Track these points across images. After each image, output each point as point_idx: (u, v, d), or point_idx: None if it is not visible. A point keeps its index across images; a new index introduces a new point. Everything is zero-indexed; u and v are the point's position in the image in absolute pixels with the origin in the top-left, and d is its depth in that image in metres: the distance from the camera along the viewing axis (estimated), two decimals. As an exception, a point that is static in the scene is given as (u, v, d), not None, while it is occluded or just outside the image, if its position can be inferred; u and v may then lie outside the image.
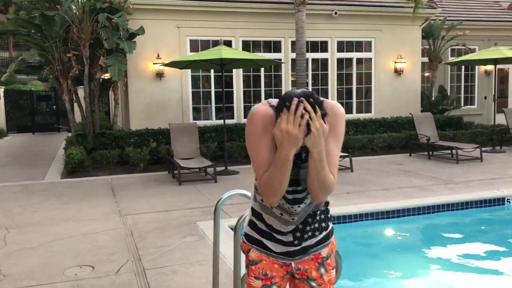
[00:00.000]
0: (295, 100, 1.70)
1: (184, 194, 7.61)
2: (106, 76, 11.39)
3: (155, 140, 10.70)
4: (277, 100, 1.89)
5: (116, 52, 10.31)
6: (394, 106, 13.34)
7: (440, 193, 7.13)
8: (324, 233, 2.14)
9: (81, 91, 11.49)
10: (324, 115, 1.74)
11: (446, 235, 5.99)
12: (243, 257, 2.39)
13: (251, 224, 2.17)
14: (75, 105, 11.47)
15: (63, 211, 6.60)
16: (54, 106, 22.15)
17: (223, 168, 9.55)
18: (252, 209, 2.17)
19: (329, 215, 2.17)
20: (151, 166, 10.25)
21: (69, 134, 13.49)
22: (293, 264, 2.11)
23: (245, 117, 12.22)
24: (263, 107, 1.92)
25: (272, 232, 2.10)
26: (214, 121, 11.86)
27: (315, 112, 1.71)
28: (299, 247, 2.09)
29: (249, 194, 3.28)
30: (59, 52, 10.55)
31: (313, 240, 2.11)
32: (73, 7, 10.59)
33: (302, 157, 1.95)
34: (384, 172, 9.19)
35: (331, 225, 2.18)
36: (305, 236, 2.08)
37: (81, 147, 10.07)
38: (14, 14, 12.55)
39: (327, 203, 2.15)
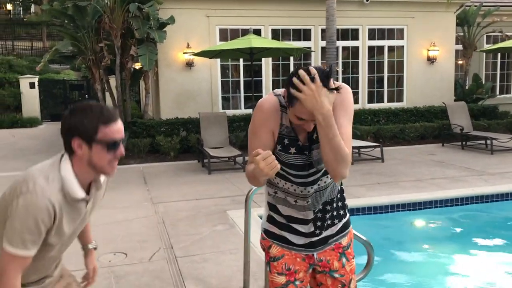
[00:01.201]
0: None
1: (213, 183, 7.67)
2: (137, 65, 11.52)
3: (185, 129, 10.80)
4: (282, 90, 1.97)
5: (147, 41, 10.40)
6: (426, 95, 13.06)
7: (474, 184, 6.96)
8: (344, 220, 2.16)
9: (112, 81, 11.67)
10: (327, 78, 1.78)
11: (480, 227, 5.86)
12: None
13: (270, 219, 2.17)
14: (107, 94, 11.65)
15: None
16: (86, 95, 22.60)
17: (252, 157, 9.56)
18: (268, 203, 2.18)
19: (345, 203, 2.19)
20: (181, 154, 10.36)
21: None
22: (315, 255, 2.11)
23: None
24: (268, 97, 2.00)
25: (291, 223, 2.09)
26: (243, 110, 11.87)
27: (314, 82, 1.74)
28: (320, 237, 2.09)
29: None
30: (91, 42, 10.72)
31: (334, 229, 2.12)
32: (105, -3, 10.71)
33: (313, 138, 1.97)
34: (416, 162, 9.04)
35: (348, 214, 2.20)
36: (325, 224, 2.09)
37: (113, 136, 10.25)
38: (48, 5, 12.81)
39: (342, 191, 2.16)
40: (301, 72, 1.75)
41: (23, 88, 20.64)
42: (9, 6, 35.88)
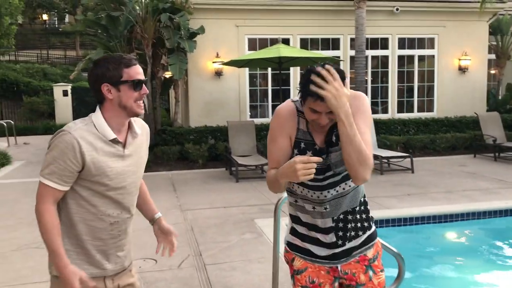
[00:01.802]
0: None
1: (241, 191, 7.71)
2: (167, 74, 11.71)
3: (213, 137, 10.90)
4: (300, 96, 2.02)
5: (177, 51, 10.58)
6: (458, 105, 12.81)
7: (508, 197, 6.79)
8: (368, 233, 2.12)
9: (143, 89, 11.89)
10: (343, 79, 1.85)
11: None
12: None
13: (293, 231, 2.17)
14: (138, 102, 11.88)
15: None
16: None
17: (279, 166, 9.56)
18: (290, 215, 2.19)
19: (370, 215, 2.16)
20: (209, 162, 10.46)
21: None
22: (339, 268, 2.09)
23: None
24: (285, 103, 2.06)
25: (312, 231, 2.08)
26: (270, 119, 11.89)
27: (334, 78, 1.79)
28: (343, 248, 2.07)
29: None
30: (123, 51, 10.96)
31: (358, 241, 2.09)
32: (137, 7, 10.97)
33: (332, 141, 1.98)
34: (447, 173, 8.87)
35: (373, 226, 2.17)
36: (348, 234, 2.06)
37: (143, 143, 10.43)
38: (83, 15, 13.19)
39: (365, 203, 2.14)
40: (323, 71, 1.79)
41: (56, 95, 21.24)
42: (45, 16, 37.06)
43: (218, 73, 11.41)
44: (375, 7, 11.86)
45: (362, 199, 2.11)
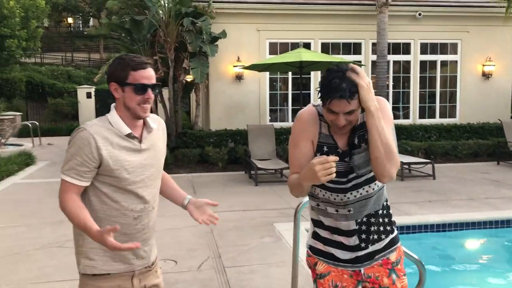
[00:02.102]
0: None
1: (260, 195, 7.73)
2: (189, 78, 11.83)
3: (233, 140, 10.96)
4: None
5: (199, 55, 10.68)
6: (481, 111, 12.62)
7: (532, 206, 6.67)
8: (391, 236, 2.13)
9: (165, 92, 12.03)
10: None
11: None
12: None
13: (315, 235, 2.18)
14: (159, 105, 12.02)
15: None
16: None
17: (299, 170, 9.54)
18: (312, 219, 2.20)
19: (392, 220, 2.16)
20: (228, 165, 10.51)
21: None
22: (362, 271, 2.09)
23: (322, 119, 12.15)
24: (306, 108, 2.10)
25: (335, 235, 2.09)
26: (290, 123, 11.90)
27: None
28: (366, 251, 2.07)
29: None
30: (146, 55, 11.11)
31: (381, 244, 2.09)
32: (160, 11, 11.12)
33: (355, 143, 2.00)
34: (469, 180, 8.75)
35: (396, 229, 2.17)
36: (371, 237, 2.07)
37: (164, 146, 10.54)
38: (107, 19, 13.42)
39: (388, 207, 2.15)
40: (357, 67, 1.88)
41: (80, 97, 21.64)
42: (70, 20, 37.79)
43: (239, 77, 11.48)
44: (397, 12, 11.78)
45: (385, 203, 2.12)
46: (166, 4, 10.98)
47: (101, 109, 22.88)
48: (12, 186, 8.79)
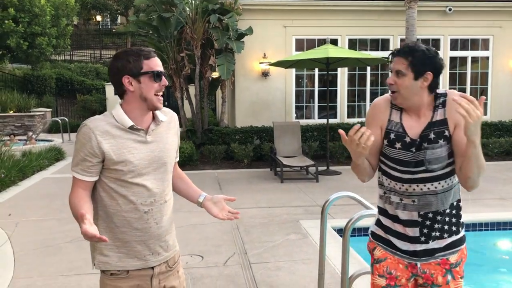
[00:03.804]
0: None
1: (286, 192, 7.71)
2: (215, 75, 11.87)
3: (259, 137, 10.95)
4: None
5: (225, 51, 10.70)
6: (513, 108, 12.28)
7: None
8: (454, 237, 2.09)
9: (191, 89, 12.11)
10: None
11: None
12: (351, 260, 2.40)
13: (377, 222, 2.21)
14: (186, 102, 12.11)
15: (174, 202, 7.00)
16: (166, 102, 23.60)
17: (324, 168, 9.50)
18: (378, 207, 2.22)
19: (460, 221, 2.12)
20: (254, 162, 10.52)
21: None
22: (418, 265, 2.08)
23: (348, 116, 12.05)
24: (383, 96, 2.14)
25: (396, 224, 2.09)
26: (316, 120, 11.84)
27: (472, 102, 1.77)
28: (425, 246, 2.05)
29: (356, 196, 3.25)
30: (173, 52, 11.20)
31: (442, 243, 2.06)
32: (187, 8, 11.18)
33: (430, 138, 1.99)
34: (501, 179, 8.53)
35: (463, 232, 2.12)
36: (433, 234, 2.05)
37: (190, 142, 10.63)
38: (134, 16, 13.58)
39: (459, 207, 2.11)
40: (469, 97, 1.79)
41: (108, 94, 21.97)
42: (98, 18, 38.41)
43: (265, 74, 11.46)
44: (427, 7, 11.56)
45: (455, 203, 2.09)
46: (193, 1, 11.04)
47: (129, 106, 23.20)
48: (43, 181, 9.00)
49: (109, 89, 22.10)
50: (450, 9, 11.76)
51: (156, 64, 1.98)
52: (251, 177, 9.17)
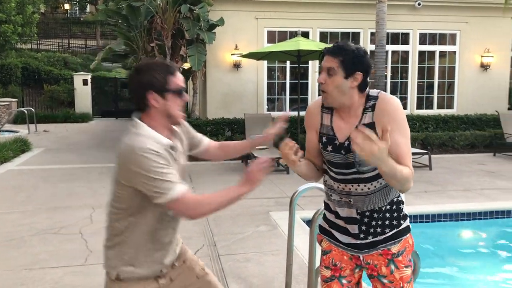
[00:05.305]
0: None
1: (257, 184, 7.70)
2: (186, 66, 11.76)
3: (230, 129, 10.92)
4: None
5: (197, 42, 10.60)
6: (478, 102, 12.62)
7: (528, 197, 6.68)
8: (396, 230, 2.12)
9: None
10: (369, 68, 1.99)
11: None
12: (318, 250, 2.43)
13: (324, 216, 2.29)
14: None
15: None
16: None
17: (296, 159, 9.53)
18: (324, 202, 2.29)
19: (401, 214, 2.14)
20: (225, 154, 10.46)
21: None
22: (361, 257, 2.13)
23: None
24: (315, 100, 2.21)
25: (337, 220, 2.16)
26: (288, 113, 11.86)
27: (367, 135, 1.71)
28: (366, 241, 2.10)
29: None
30: (143, 42, 11.02)
31: (382, 236, 2.10)
32: (157, -2, 11.00)
33: None
34: (465, 171, 8.76)
35: (405, 223, 2.15)
36: (371, 230, 2.09)
37: (160, 134, 10.50)
38: (104, 5, 13.29)
39: (399, 202, 2.14)
40: (363, 131, 1.69)
41: (76, 84, 21.53)
42: (66, 6, 37.43)
43: (237, 65, 11.42)
44: (397, 1, 11.72)
45: (395, 199, 2.11)
46: (164, -10, 10.87)
47: (97, 96, 22.81)
48: (7, 173, 8.75)
49: (78, 79, 21.65)
50: (419, 4, 11.95)
51: (180, 80, 1.96)
52: (222, 169, 9.15)
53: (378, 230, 2.08)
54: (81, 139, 13.87)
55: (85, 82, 21.57)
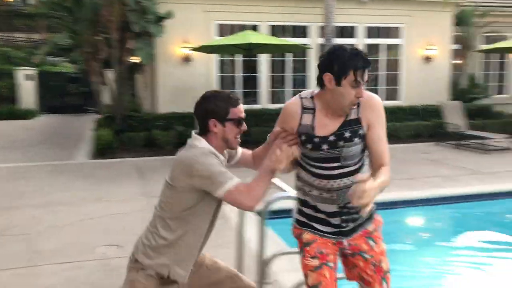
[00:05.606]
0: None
1: (209, 178, 7.68)
2: (135, 59, 11.53)
3: (182, 123, 10.81)
4: (309, 91, 2.21)
5: (145, 35, 10.40)
6: (423, 94, 13.09)
7: (468, 183, 7.03)
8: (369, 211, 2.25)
9: (110, 74, 11.67)
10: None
11: (472, 226, 5.93)
12: (270, 242, 2.48)
13: (299, 211, 2.34)
14: (104, 87, 11.66)
15: (93, 191, 6.77)
16: (83, 88, 22.53)
17: (248, 152, 9.58)
18: (298, 198, 2.35)
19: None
20: (176, 149, 10.27)
21: (96, 116, 13.75)
22: (345, 242, 2.27)
23: (271, 102, 12.21)
24: (292, 100, 2.24)
25: (318, 214, 2.24)
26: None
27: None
28: (348, 228, 2.25)
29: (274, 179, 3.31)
30: (88, 35, 10.69)
31: (361, 220, 2.26)
32: (103, -11, 10.69)
33: (345, 136, 2.12)
34: (410, 161, 9.10)
35: (373, 205, 2.27)
36: (351, 217, 2.23)
37: (109, 129, 10.27)
38: (46, -4, 12.78)
39: None
40: (363, 185, 1.88)
41: (19, 80, 20.61)
42: (7, -3, 35.67)
43: (187, 59, 11.30)
44: (344, -5, 11.93)
45: None
46: (109, -18, 10.57)
47: (43, 91, 21.94)
48: None
49: (20, 74, 20.72)
50: (365, -2, 12.23)
51: (240, 111, 2.27)
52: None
53: (356, 216, 2.21)
54: (25, 137, 13.31)
55: (28, 77, 20.69)
